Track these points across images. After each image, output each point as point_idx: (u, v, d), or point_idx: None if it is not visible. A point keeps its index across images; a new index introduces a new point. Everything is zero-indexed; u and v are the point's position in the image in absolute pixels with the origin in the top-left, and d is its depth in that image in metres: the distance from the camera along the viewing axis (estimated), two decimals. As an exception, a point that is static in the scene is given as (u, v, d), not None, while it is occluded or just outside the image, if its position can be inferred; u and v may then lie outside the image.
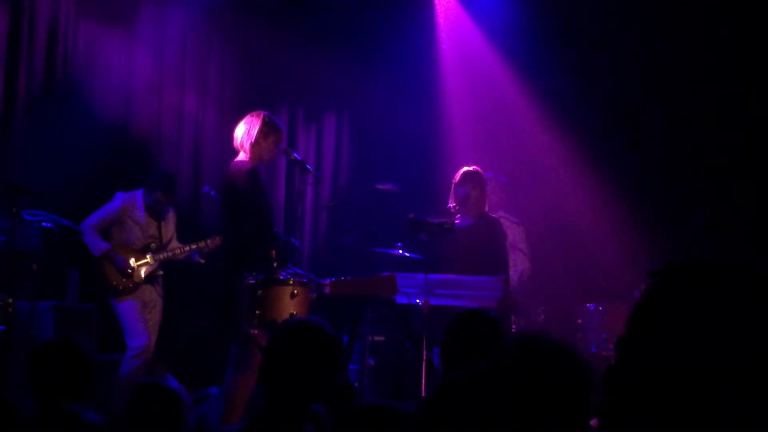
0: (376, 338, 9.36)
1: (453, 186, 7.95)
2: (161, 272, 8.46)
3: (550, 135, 10.77)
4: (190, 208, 9.57)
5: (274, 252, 6.64)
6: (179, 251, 8.46)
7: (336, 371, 3.53)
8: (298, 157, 7.49)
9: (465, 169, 7.98)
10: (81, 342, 4.21)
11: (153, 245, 8.40)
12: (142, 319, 8.22)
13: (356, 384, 8.57)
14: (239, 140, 7.01)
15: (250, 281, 6.38)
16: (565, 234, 10.47)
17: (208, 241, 8.41)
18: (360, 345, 8.76)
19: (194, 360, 9.35)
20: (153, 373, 8.12)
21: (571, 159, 10.62)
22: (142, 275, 8.31)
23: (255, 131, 6.96)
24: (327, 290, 6.89)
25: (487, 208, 8.05)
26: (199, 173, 10.24)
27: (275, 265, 6.54)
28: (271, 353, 3.50)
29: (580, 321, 9.05)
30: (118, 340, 8.22)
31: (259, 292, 6.33)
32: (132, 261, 8.28)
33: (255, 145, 6.94)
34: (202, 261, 8.50)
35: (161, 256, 8.39)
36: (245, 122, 7.04)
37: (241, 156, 7.00)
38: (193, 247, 8.47)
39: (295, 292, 6.39)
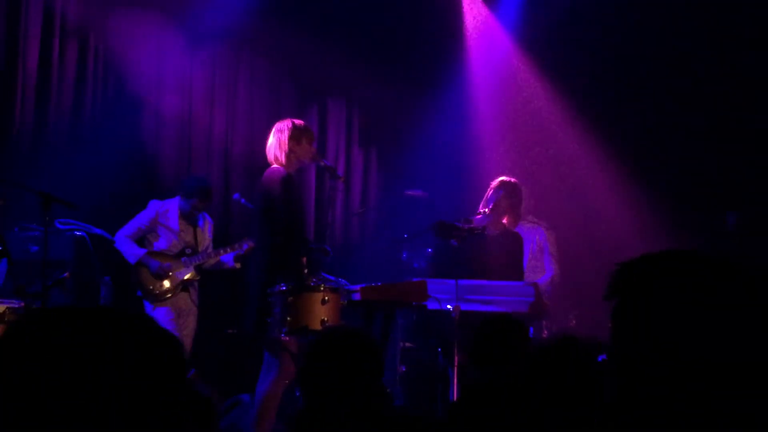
0: (408, 344, 9.34)
1: (490, 192, 7.97)
2: (197, 278, 8.48)
3: (581, 139, 10.74)
4: (221, 216, 9.60)
5: (305, 259, 6.65)
6: (212, 257, 8.49)
7: (376, 377, 3.55)
8: (328, 164, 7.51)
9: (504, 179, 8.04)
10: None
11: (188, 251, 8.44)
12: (176, 327, 8.25)
13: (388, 390, 8.55)
14: (272, 154, 6.98)
15: (282, 288, 6.40)
16: (596, 238, 10.43)
17: (236, 245, 8.43)
18: (391, 351, 8.76)
19: (226, 367, 9.38)
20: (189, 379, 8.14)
21: (603, 163, 10.58)
22: (178, 281, 8.35)
23: (286, 139, 6.94)
24: (358, 296, 6.89)
25: (513, 221, 8.05)
26: (228, 180, 10.28)
27: (306, 271, 6.55)
28: (310, 359, 3.52)
29: (611, 325, 9.00)
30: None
31: (290, 298, 6.34)
32: (167, 267, 8.32)
33: (290, 154, 6.92)
34: (238, 265, 8.52)
35: (196, 261, 8.43)
36: (273, 134, 7.01)
37: (276, 165, 6.99)
38: (223, 252, 8.49)
39: (326, 298, 6.39)
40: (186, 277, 8.40)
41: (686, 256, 1.47)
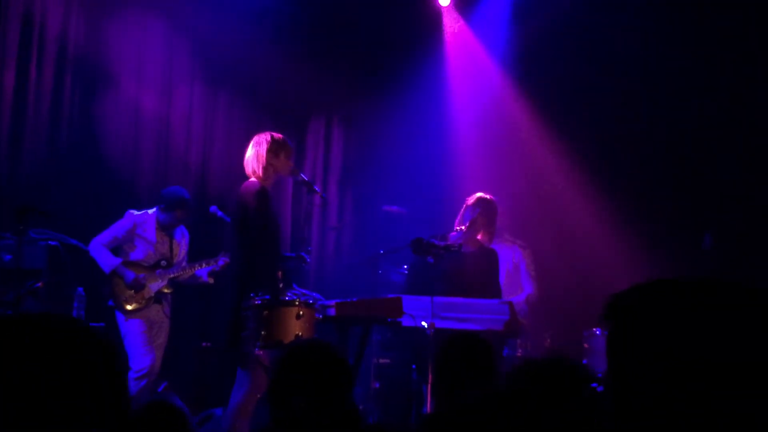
0: (382, 361, 9.33)
1: (465, 209, 7.95)
2: (170, 291, 8.45)
3: (560, 157, 10.77)
4: (197, 228, 9.57)
5: (280, 273, 6.63)
6: (187, 270, 8.46)
7: (343, 394, 3.52)
8: (305, 178, 7.50)
9: (480, 195, 8.01)
10: None
11: (163, 263, 8.40)
12: (147, 340, 8.20)
13: (361, 407, 8.54)
14: (250, 166, 6.97)
15: (256, 302, 6.37)
16: (572, 258, 10.46)
17: (212, 260, 8.39)
18: (365, 367, 8.73)
19: (198, 381, 9.34)
20: (158, 393, 8.11)
21: (581, 182, 10.61)
22: (152, 292, 8.31)
23: (264, 152, 6.94)
24: (333, 311, 6.88)
25: (488, 238, 8.05)
26: (205, 193, 10.24)
27: (281, 285, 6.53)
28: (279, 373, 3.50)
29: (586, 345, 9.01)
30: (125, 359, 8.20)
31: (265, 312, 6.32)
32: (141, 278, 8.28)
33: (268, 167, 6.92)
34: (211, 281, 8.49)
35: (171, 274, 8.39)
36: (252, 146, 7.01)
37: (253, 177, 6.98)
38: (198, 266, 8.45)
39: (301, 313, 6.37)
40: (159, 290, 8.36)
41: (680, 282, 1.47)
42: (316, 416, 3.42)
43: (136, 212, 8.46)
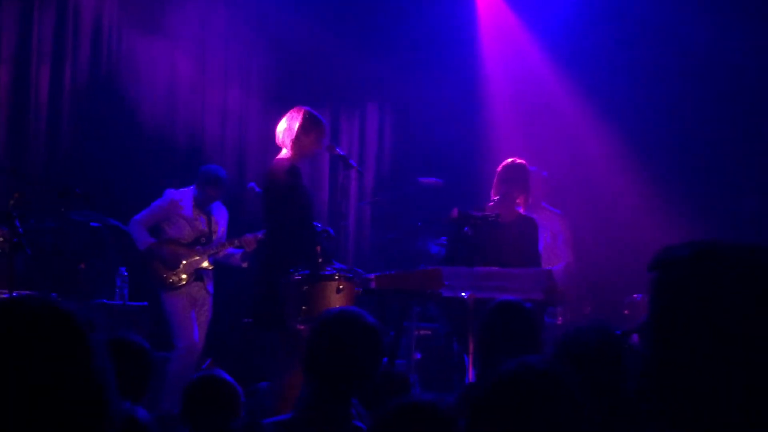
0: (423, 332, 9.36)
1: (497, 178, 7.89)
2: (211, 267, 8.49)
3: (594, 127, 10.72)
4: (235, 205, 9.63)
5: (318, 248, 6.65)
6: (225, 245, 8.49)
7: (378, 359, 3.56)
8: (342, 153, 7.50)
9: (509, 162, 7.91)
10: (134, 339, 4.20)
11: (203, 240, 8.45)
12: (190, 316, 8.27)
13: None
14: (281, 137, 7.01)
15: (296, 277, 6.41)
16: (611, 226, 10.42)
17: (236, 241, 8.39)
18: (406, 339, 8.77)
19: (240, 356, 9.41)
20: (203, 369, 8.18)
21: (616, 150, 10.56)
22: (191, 270, 8.37)
23: (296, 127, 6.95)
24: (372, 285, 6.90)
25: (527, 204, 8.01)
26: (243, 170, 10.30)
27: (320, 260, 6.56)
28: (312, 343, 3.54)
29: (627, 312, 9.00)
30: (170, 338, 8.28)
31: (305, 287, 6.35)
32: (180, 255, 8.33)
33: (296, 141, 6.94)
34: (245, 264, 8.51)
35: (210, 251, 8.44)
36: (286, 119, 7.03)
37: (284, 153, 7.01)
38: (229, 244, 8.47)
39: (341, 287, 6.40)
40: (200, 267, 8.42)
41: (731, 245, 1.47)
42: (352, 383, 3.47)
43: (174, 191, 8.52)
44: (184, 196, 8.48)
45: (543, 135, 10.72)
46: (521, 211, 7.92)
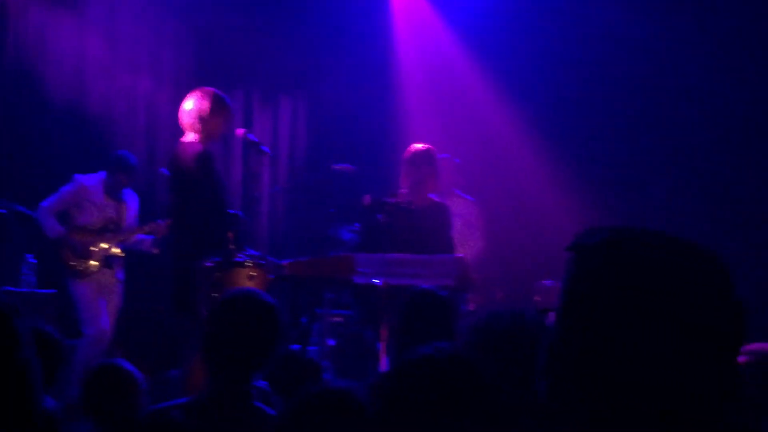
0: (336, 319, 9.36)
1: (405, 165, 7.85)
2: (121, 255, 8.38)
3: (506, 115, 10.80)
4: (146, 191, 9.50)
5: (231, 234, 6.59)
6: (135, 231, 8.39)
7: (275, 338, 3.53)
8: (254, 139, 7.43)
9: (417, 147, 7.90)
10: (43, 327, 4.13)
11: (111, 227, 8.33)
12: (99, 304, 8.16)
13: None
14: (187, 119, 6.85)
15: (207, 264, 6.35)
16: (523, 211, 10.53)
17: (146, 227, 8.31)
18: (319, 326, 8.76)
19: (152, 344, 9.31)
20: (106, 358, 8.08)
21: (529, 136, 10.66)
22: (101, 257, 8.25)
23: (205, 109, 6.82)
24: (285, 271, 6.88)
25: (439, 189, 8.03)
26: (153, 154, 10.17)
27: (232, 247, 6.50)
28: (209, 324, 3.51)
29: (537, 298, 9.10)
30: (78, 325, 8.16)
31: (217, 274, 6.31)
32: (89, 242, 8.20)
33: (205, 124, 6.80)
34: (156, 251, 8.42)
35: (119, 237, 8.33)
36: (192, 100, 6.86)
37: (191, 137, 6.88)
38: (139, 230, 8.37)
39: (253, 274, 6.37)
40: (110, 254, 8.30)
41: (651, 232, 1.48)
42: (249, 365, 3.44)
43: (83, 176, 8.38)
44: (93, 181, 8.35)
45: (456, 122, 10.78)
46: (434, 197, 7.95)
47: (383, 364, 6.94)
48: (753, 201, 9.70)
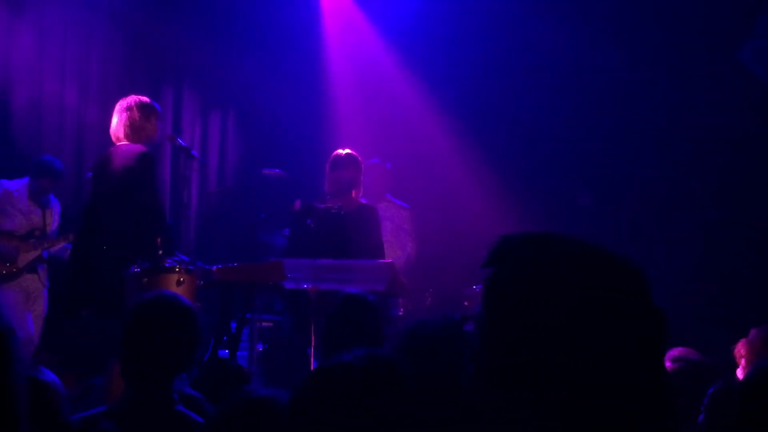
0: (265, 324, 9.33)
1: (332, 169, 7.85)
2: (44, 260, 8.29)
3: (436, 121, 10.86)
4: (72, 196, 9.38)
5: (159, 239, 6.55)
6: (60, 241, 8.30)
7: (193, 344, 3.49)
8: (183, 143, 7.41)
9: (344, 152, 7.90)
10: None
11: (36, 233, 8.23)
12: (23, 310, 8.05)
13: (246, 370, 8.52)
14: (120, 131, 6.82)
15: (136, 269, 6.30)
16: (452, 217, 10.58)
17: (70, 236, 8.21)
18: (249, 331, 8.72)
19: (78, 350, 9.19)
20: (32, 366, 7.96)
21: (459, 142, 10.72)
22: (24, 262, 8.14)
23: (136, 117, 6.80)
24: (215, 276, 6.85)
25: (367, 193, 8.07)
26: (81, 159, 10.05)
27: (161, 252, 6.46)
28: (125, 330, 3.46)
29: (466, 303, 9.15)
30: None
31: (145, 280, 6.26)
32: (14, 247, 8.09)
33: (140, 131, 6.80)
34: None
35: (44, 244, 8.23)
36: (120, 112, 6.85)
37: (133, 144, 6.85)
38: (65, 239, 8.27)
39: (182, 279, 6.33)
40: (33, 259, 8.20)
41: (567, 239, 1.49)
42: (166, 369, 3.40)
43: (7, 182, 8.27)
44: (18, 187, 8.24)
45: (387, 127, 10.81)
46: (363, 201, 7.97)
47: (311, 369, 6.93)
48: (676, 207, 9.86)
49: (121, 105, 6.89)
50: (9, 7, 9.72)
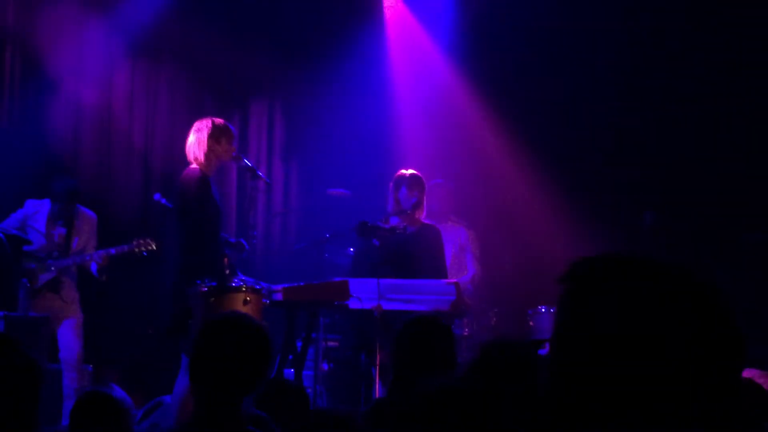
0: (330, 344, 9.36)
1: (395, 189, 7.87)
2: (63, 280, 8.27)
3: (501, 138, 10.84)
4: (139, 216, 9.51)
5: (226, 260, 6.63)
6: (75, 264, 8.29)
7: (264, 364, 3.47)
8: (249, 164, 7.48)
9: (408, 172, 7.92)
10: (20, 350, 4.06)
11: (55, 254, 8.25)
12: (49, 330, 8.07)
13: (310, 389, 8.57)
14: (192, 153, 6.97)
15: (203, 289, 6.37)
16: (516, 237, 10.53)
17: (87, 258, 8.23)
18: (314, 350, 8.76)
19: (145, 368, 9.30)
20: (99, 381, 8.05)
21: (524, 163, 10.68)
22: (41, 284, 8.17)
23: (205, 138, 6.93)
24: (280, 296, 6.89)
25: (431, 213, 8.09)
26: (149, 181, 10.17)
27: (227, 272, 6.53)
28: (196, 350, 3.45)
29: (531, 323, 9.11)
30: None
31: (212, 299, 6.32)
32: (32, 268, 8.13)
33: (209, 153, 6.93)
34: (104, 278, 8.33)
35: (63, 265, 8.22)
36: (193, 133, 7.01)
37: (193, 165, 6.97)
38: (81, 262, 8.28)
39: (248, 299, 6.38)
40: (50, 280, 8.21)
41: (647, 261, 1.48)
42: (237, 390, 3.38)
43: (34, 201, 8.36)
44: (39, 208, 8.31)
45: (451, 146, 10.81)
46: (426, 221, 7.98)
47: (378, 390, 6.94)
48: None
49: (195, 125, 7.04)
50: (81, 31, 9.89)
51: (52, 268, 8.21)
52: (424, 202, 7.90)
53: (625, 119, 10.45)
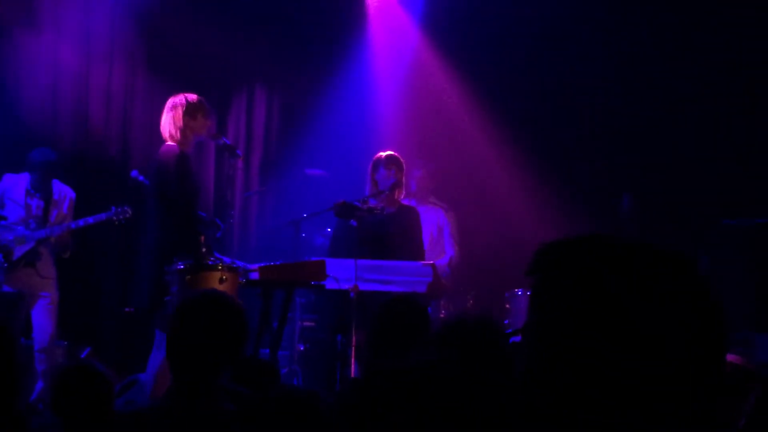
0: (306, 324, 9.36)
1: (374, 170, 7.86)
2: (41, 254, 8.22)
3: (481, 121, 10.83)
4: (120, 194, 9.44)
5: (202, 237, 6.60)
6: (66, 229, 8.24)
7: (240, 340, 3.49)
8: (228, 142, 7.45)
9: (387, 153, 7.91)
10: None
11: (32, 225, 8.20)
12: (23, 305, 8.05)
13: (286, 369, 8.57)
14: (167, 130, 6.91)
15: (179, 266, 6.35)
16: (495, 221, 10.54)
17: (52, 238, 8.20)
18: (290, 330, 8.76)
19: (121, 346, 9.28)
20: (80, 359, 8.03)
21: (502, 146, 10.68)
22: (19, 254, 8.12)
23: (180, 115, 6.87)
24: (256, 275, 6.88)
25: (409, 194, 8.09)
26: (127, 158, 10.11)
27: (204, 250, 6.50)
28: (173, 326, 3.48)
29: (508, 306, 9.13)
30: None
31: (188, 277, 6.30)
32: (8, 239, 8.09)
33: (185, 129, 6.87)
34: (65, 255, 8.30)
35: (40, 236, 8.17)
36: (167, 111, 6.94)
37: (169, 142, 6.93)
38: (47, 236, 8.24)
39: (224, 277, 6.37)
40: (27, 252, 8.16)
41: (614, 240, 1.46)
42: (213, 367, 3.39)
43: (12, 175, 8.32)
44: (17, 180, 8.28)
45: (430, 128, 10.80)
46: (405, 202, 7.98)
47: (354, 371, 6.95)
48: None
49: (169, 103, 6.97)
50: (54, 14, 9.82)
51: (29, 240, 8.16)
52: (403, 184, 7.90)
53: (605, 100, 10.47)
